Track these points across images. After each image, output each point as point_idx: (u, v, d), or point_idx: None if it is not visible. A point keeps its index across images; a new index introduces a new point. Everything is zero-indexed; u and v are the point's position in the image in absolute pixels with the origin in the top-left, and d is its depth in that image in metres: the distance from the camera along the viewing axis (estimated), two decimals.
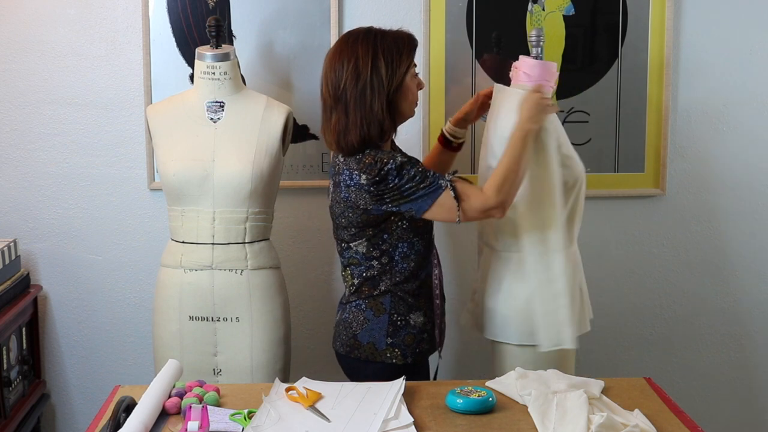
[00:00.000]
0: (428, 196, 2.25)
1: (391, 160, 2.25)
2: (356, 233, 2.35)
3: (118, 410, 1.89)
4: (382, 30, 2.34)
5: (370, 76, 2.27)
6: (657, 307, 3.19)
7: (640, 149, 3.07)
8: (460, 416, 1.97)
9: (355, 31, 2.35)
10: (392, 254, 2.35)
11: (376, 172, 2.24)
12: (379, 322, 2.36)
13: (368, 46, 2.29)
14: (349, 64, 2.28)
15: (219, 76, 2.59)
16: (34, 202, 3.04)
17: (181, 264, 2.57)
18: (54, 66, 2.97)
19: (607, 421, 1.84)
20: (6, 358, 2.76)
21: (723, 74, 3.08)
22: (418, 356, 2.39)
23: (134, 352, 3.12)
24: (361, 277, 2.38)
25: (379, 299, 2.37)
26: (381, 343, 2.36)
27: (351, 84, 2.27)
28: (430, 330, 2.41)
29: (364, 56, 2.28)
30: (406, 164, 2.26)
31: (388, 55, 2.28)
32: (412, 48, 2.35)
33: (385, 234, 2.34)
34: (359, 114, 2.27)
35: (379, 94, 2.27)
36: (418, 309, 2.39)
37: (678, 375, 3.22)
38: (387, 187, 2.24)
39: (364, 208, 2.29)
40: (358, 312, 2.39)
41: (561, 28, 3.00)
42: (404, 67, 2.30)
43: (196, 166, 2.53)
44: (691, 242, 3.16)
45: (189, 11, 2.94)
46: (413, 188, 2.25)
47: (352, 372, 2.42)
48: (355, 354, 2.38)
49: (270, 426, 1.88)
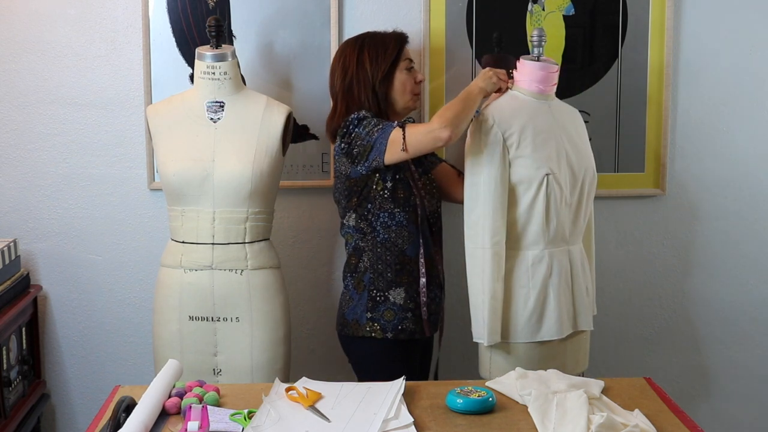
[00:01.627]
0: (383, 138, 2.40)
1: (354, 114, 2.46)
2: (346, 205, 2.54)
3: (118, 410, 1.89)
4: (375, 32, 2.59)
5: (356, 70, 2.52)
6: (657, 307, 3.19)
7: (640, 149, 3.07)
8: (460, 416, 1.97)
9: (355, 36, 2.62)
10: (375, 225, 2.49)
11: (345, 129, 2.46)
12: (361, 299, 2.52)
13: (356, 43, 2.56)
14: (339, 62, 2.57)
15: (219, 76, 2.59)
16: (34, 202, 3.04)
17: (181, 264, 2.57)
18: (54, 66, 2.97)
19: (607, 421, 1.84)
20: (6, 358, 2.76)
21: (723, 74, 3.08)
22: (400, 333, 2.48)
23: (134, 352, 3.12)
24: (351, 248, 2.56)
25: (361, 277, 2.53)
26: (362, 319, 2.50)
27: (339, 79, 2.55)
28: (413, 309, 2.47)
29: (350, 52, 2.55)
30: (367, 116, 2.45)
31: (372, 50, 2.53)
32: (399, 42, 2.55)
33: (369, 204, 2.50)
34: (345, 104, 2.53)
35: (365, 87, 2.51)
36: (399, 285, 2.50)
37: (678, 375, 3.22)
38: (352, 139, 2.41)
39: (346, 174, 2.49)
40: (346, 292, 2.57)
41: (561, 28, 3.00)
42: (389, 59, 2.50)
43: (196, 166, 2.53)
44: (691, 242, 3.16)
45: (189, 11, 2.94)
46: (371, 133, 2.40)
47: (345, 349, 2.61)
48: (344, 332, 2.56)
49: (270, 426, 1.88)
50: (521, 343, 2.45)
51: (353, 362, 2.60)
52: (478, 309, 2.44)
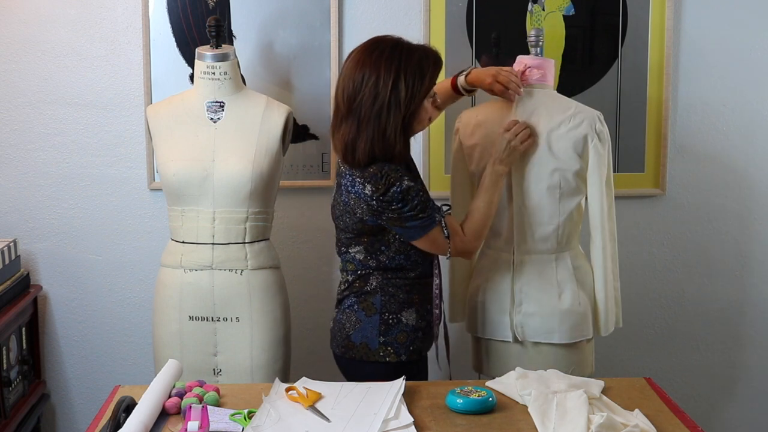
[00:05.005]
0: (422, 228, 2.27)
1: (398, 182, 2.23)
2: (353, 239, 2.36)
3: (118, 410, 1.89)
4: (410, 46, 2.26)
5: (388, 98, 2.21)
6: (657, 307, 3.19)
7: (640, 149, 3.07)
8: (460, 416, 1.97)
9: (383, 42, 2.27)
10: (388, 265, 2.36)
11: (383, 188, 2.22)
12: (371, 322, 2.36)
13: (392, 65, 2.21)
14: (370, 79, 2.21)
15: (219, 76, 2.59)
16: (34, 202, 3.04)
17: (181, 264, 2.57)
18: (54, 66, 2.97)
19: (607, 421, 1.84)
20: (6, 358, 2.76)
21: (723, 74, 3.08)
22: (413, 354, 2.38)
23: (134, 352, 3.12)
24: (355, 274, 2.39)
25: (370, 299, 2.36)
26: (374, 343, 2.35)
27: (368, 101, 2.22)
28: (424, 327, 2.40)
29: (385, 75, 2.21)
30: (411, 190, 2.24)
31: (410, 78, 2.21)
32: (437, 70, 2.28)
33: (383, 246, 2.34)
34: (371, 132, 2.22)
35: (394, 117, 2.22)
36: (410, 305, 2.37)
37: (678, 375, 3.23)
38: (389, 208, 2.24)
39: (360, 217, 2.29)
40: (351, 313, 2.38)
41: (561, 28, 3.01)
42: (425, 91, 2.25)
43: (196, 166, 2.53)
44: (691, 242, 3.16)
45: (189, 11, 2.94)
46: (412, 216, 2.25)
47: (349, 372, 2.42)
48: (349, 354, 2.38)
49: (270, 426, 1.88)
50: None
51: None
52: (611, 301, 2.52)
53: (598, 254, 2.48)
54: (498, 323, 2.51)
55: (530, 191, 2.43)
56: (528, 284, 2.47)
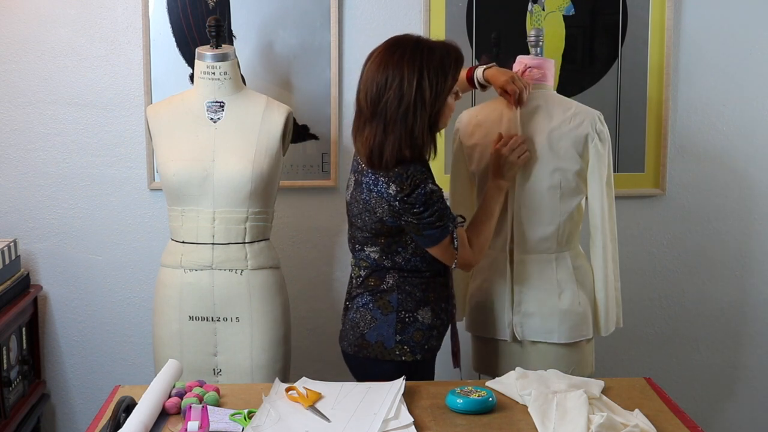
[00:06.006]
0: (436, 236, 2.26)
1: (423, 184, 2.22)
2: (370, 238, 2.34)
3: (118, 410, 1.89)
4: (430, 44, 2.25)
5: (414, 98, 2.19)
6: (657, 307, 3.19)
7: (640, 149, 3.07)
8: (460, 416, 1.97)
9: (403, 42, 2.25)
10: (404, 266, 2.34)
11: (408, 188, 2.21)
12: (387, 321, 2.34)
13: (414, 65, 2.20)
14: (394, 81, 2.19)
15: (219, 76, 2.59)
16: (34, 202, 3.04)
17: (181, 264, 2.57)
18: (54, 66, 2.97)
19: (607, 421, 1.84)
20: (6, 358, 2.76)
21: (723, 74, 3.08)
22: (427, 353, 2.37)
23: (134, 352, 3.12)
24: (369, 270, 2.37)
25: (386, 297, 2.35)
26: (390, 341, 2.33)
27: (393, 103, 2.19)
28: (438, 326, 2.40)
29: (409, 76, 2.19)
30: (435, 194, 2.24)
31: (434, 77, 2.20)
32: (459, 66, 2.28)
33: (400, 247, 2.33)
34: (398, 134, 2.20)
35: (421, 117, 2.21)
36: (426, 304, 2.36)
37: (678, 375, 3.23)
38: (410, 210, 2.23)
39: (380, 216, 2.28)
40: (366, 311, 2.35)
41: (561, 28, 3.01)
42: (449, 89, 2.24)
43: (196, 166, 2.53)
44: (691, 242, 3.16)
45: (189, 11, 2.94)
46: (430, 223, 2.24)
47: (361, 371, 2.39)
48: (363, 353, 2.36)
49: (270, 426, 1.88)
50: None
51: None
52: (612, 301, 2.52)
53: (599, 254, 2.48)
54: (498, 323, 2.51)
55: (530, 191, 2.43)
56: (528, 284, 2.47)
